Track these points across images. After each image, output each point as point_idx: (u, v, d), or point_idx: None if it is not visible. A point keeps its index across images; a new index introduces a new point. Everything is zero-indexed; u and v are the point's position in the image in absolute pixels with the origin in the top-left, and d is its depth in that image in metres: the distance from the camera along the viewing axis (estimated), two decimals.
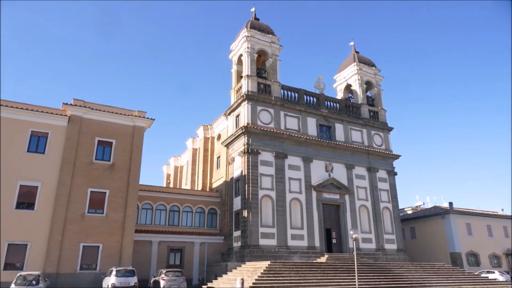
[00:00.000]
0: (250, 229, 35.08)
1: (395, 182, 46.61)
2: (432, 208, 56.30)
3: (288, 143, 40.14)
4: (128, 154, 31.93)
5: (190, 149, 52.50)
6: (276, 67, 42.94)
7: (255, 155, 37.70)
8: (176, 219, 39.47)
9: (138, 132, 32.92)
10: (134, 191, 31.40)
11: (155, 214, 38.56)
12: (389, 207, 44.93)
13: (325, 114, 44.03)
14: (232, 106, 41.90)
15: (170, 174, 62.19)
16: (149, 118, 33.41)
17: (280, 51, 43.94)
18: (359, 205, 42.69)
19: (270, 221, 36.52)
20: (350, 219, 41.17)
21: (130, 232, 30.29)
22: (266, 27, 44.37)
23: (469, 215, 52.31)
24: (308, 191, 39.56)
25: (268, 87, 41.68)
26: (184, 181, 55.49)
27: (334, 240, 40.05)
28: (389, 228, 43.92)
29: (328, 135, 44.08)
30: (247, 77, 40.44)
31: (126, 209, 30.52)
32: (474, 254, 49.29)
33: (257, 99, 39.81)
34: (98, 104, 32.21)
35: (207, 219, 40.96)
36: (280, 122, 40.68)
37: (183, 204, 40.06)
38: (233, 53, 45.30)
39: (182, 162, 58.71)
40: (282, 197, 37.77)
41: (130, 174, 31.46)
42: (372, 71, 51.17)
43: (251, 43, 41.98)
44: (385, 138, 48.13)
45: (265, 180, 37.55)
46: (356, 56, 51.54)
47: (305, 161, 40.53)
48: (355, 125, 46.34)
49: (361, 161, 44.65)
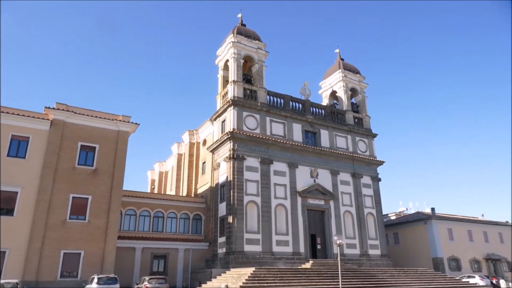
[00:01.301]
0: (235, 235, 34.99)
1: (379, 188, 47.23)
2: (415, 214, 57.19)
3: (273, 148, 40.31)
4: (112, 159, 31.55)
5: (175, 154, 52.17)
6: (262, 73, 43.19)
7: (240, 160, 37.72)
8: (160, 225, 39.05)
9: (122, 137, 32.59)
10: (118, 197, 31.02)
11: (139, 220, 38.08)
12: (373, 212, 45.47)
13: (311, 120, 44.43)
14: (218, 111, 41.91)
15: (154, 180, 61.62)
16: (133, 123, 33.16)
17: (266, 57, 44.24)
18: (344, 210, 43.08)
19: (255, 227, 36.51)
20: (335, 225, 41.48)
21: (113, 239, 29.85)
22: (252, 33, 44.66)
23: (450, 221, 53.31)
24: (293, 197, 39.73)
25: (254, 92, 41.86)
26: (169, 187, 55.02)
27: (318, 245, 40.27)
28: (373, 234, 44.41)
29: (313, 141, 44.45)
30: (233, 82, 40.55)
31: (109, 215, 30.09)
32: (455, 259, 50.19)
33: (243, 105, 39.93)
34: (81, 108, 31.80)
35: (192, 225, 40.66)
36: (266, 128, 40.85)
37: (168, 210, 39.71)
38: (219, 58, 45.39)
39: (167, 168, 58.26)
40: (267, 202, 37.84)
41: (114, 179, 31.09)
42: (356, 78, 51.94)
43: (237, 49, 42.16)
44: (369, 144, 48.80)
45: (250, 185, 37.57)
46: (341, 63, 52.26)
47: (291, 167, 40.75)
48: (340, 131, 46.87)
49: (345, 167, 45.14)
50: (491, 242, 54.77)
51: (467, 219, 58.18)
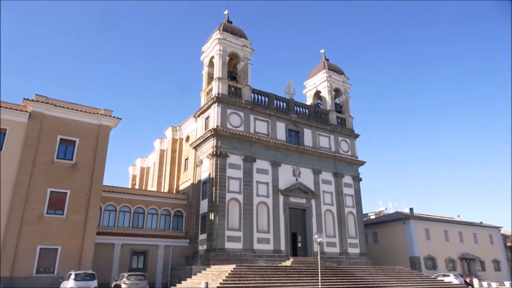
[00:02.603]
0: (216, 232, 34.94)
1: (359, 187, 47.91)
2: (394, 214, 58.29)
3: (257, 146, 40.37)
4: (92, 153, 31.01)
5: (157, 150, 51.67)
6: (247, 70, 43.15)
7: (223, 157, 37.64)
8: (141, 221, 38.64)
9: (103, 131, 32.06)
10: (97, 192, 30.53)
11: (119, 216, 37.58)
12: (353, 212, 46.11)
13: (294, 119, 44.67)
14: (202, 108, 41.69)
15: (136, 175, 60.86)
16: (115, 117, 32.65)
17: (252, 55, 44.20)
18: (325, 209, 43.54)
19: (236, 224, 36.54)
20: (316, 223, 41.89)
21: (92, 234, 29.38)
22: (238, 30, 44.53)
23: (428, 221, 54.58)
24: (276, 195, 39.92)
25: (239, 90, 41.80)
26: (150, 183, 54.51)
27: (299, 244, 40.60)
28: (353, 233, 45.05)
29: (296, 140, 44.71)
30: (218, 79, 40.38)
31: (88, 210, 29.58)
32: (431, 258, 51.44)
33: (228, 102, 39.83)
34: (61, 101, 31.10)
35: (173, 221, 40.39)
36: (249, 126, 40.85)
37: (148, 206, 39.32)
38: (205, 54, 45.12)
39: (148, 163, 57.65)
40: (249, 200, 37.90)
41: (94, 174, 30.57)
42: (341, 79, 52.46)
43: (223, 46, 41.98)
44: (351, 145, 49.42)
45: (233, 183, 37.56)
46: (326, 64, 52.69)
47: (273, 165, 40.90)
48: (323, 131, 47.29)
49: (328, 166, 45.60)
50: (466, 242, 56.35)
51: (443, 219, 59.68)
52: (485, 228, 61.22)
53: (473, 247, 56.52)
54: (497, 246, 60.59)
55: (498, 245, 60.94)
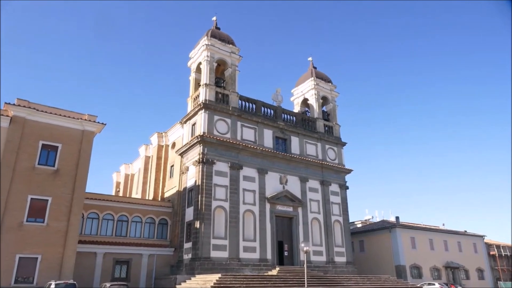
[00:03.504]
0: (201, 241, 34.73)
1: (346, 196, 48.34)
2: (380, 222, 58.93)
3: (243, 154, 40.44)
4: (75, 159, 30.59)
5: (142, 156, 51.25)
6: (235, 77, 43.34)
7: (210, 165, 37.58)
8: (124, 229, 38.16)
9: (87, 136, 31.70)
10: (80, 199, 30.06)
11: (102, 224, 37.06)
12: (340, 220, 46.45)
13: (282, 126, 44.96)
14: (189, 114, 41.64)
15: (120, 182, 60.20)
16: (100, 123, 32.33)
17: (239, 61, 44.44)
18: (312, 218, 43.74)
19: (222, 232, 36.41)
20: (302, 232, 42.02)
21: (73, 243, 28.87)
22: (226, 36, 44.78)
23: (413, 229, 55.32)
24: (262, 203, 39.97)
25: (226, 97, 41.91)
26: (134, 190, 53.88)
27: (286, 252, 40.64)
28: (340, 241, 45.34)
29: (283, 148, 44.95)
30: (205, 85, 40.44)
31: (69, 218, 29.09)
32: (417, 267, 52.07)
33: (215, 109, 39.89)
34: (44, 106, 30.67)
35: (157, 230, 39.99)
36: (236, 133, 40.94)
37: (132, 214, 38.88)
38: (192, 60, 45.18)
39: (133, 170, 57.09)
40: (235, 208, 37.86)
41: (76, 180, 30.12)
42: (328, 87, 53.10)
43: (211, 52, 42.13)
44: (338, 153, 49.92)
45: (219, 190, 37.49)
46: (314, 71, 53.30)
47: (260, 173, 41.00)
48: (310, 139, 47.68)
49: (315, 174, 45.93)
50: (450, 251, 57.27)
51: (429, 228, 60.56)
52: (469, 236, 62.34)
53: (457, 256, 57.46)
54: (480, 254, 61.74)
55: (482, 253, 62.11)
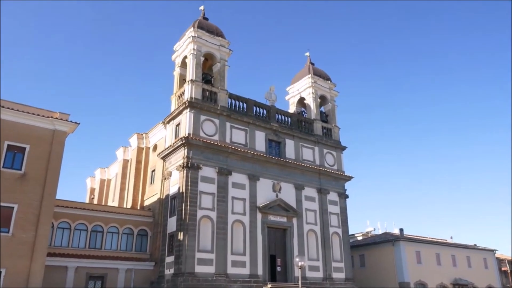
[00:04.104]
0: (185, 254, 34.69)
1: (346, 205, 48.66)
2: (383, 235, 59.37)
3: (233, 158, 40.53)
4: (45, 162, 30.35)
5: (120, 160, 51.10)
6: (224, 73, 43.47)
7: (195, 170, 37.60)
8: (99, 241, 38.01)
9: (58, 137, 31.47)
10: (49, 207, 29.80)
11: (74, 235, 36.87)
12: (339, 232, 46.72)
13: (276, 128, 45.17)
14: (172, 113, 41.65)
15: (94, 188, 59.96)
16: (72, 122, 32.12)
17: (229, 56, 44.59)
18: (307, 229, 43.94)
19: (208, 245, 36.41)
20: (297, 245, 42.18)
21: (42, 256, 28.60)
22: (215, 28, 44.95)
23: (419, 243, 55.88)
24: (253, 213, 40.05)
25: (214, 94, 42.02)
26: (111, 197, 53.76)
27: (278, 267, 40.75)
28: (338, 255, 45.58)
29: (277, 152, 45.13)
30: (191, 82, 40.52)
31: (37, 227, 28.80)
32: (422, 283, 52.55)
33: (201, 108, 39.96)
34: (10, 102, 30.39)
35: (136, 241, 39.88)
36: (225, 135, 41.04)
37: (108, 224, 38.74)
38: (177, 54, 45.24)
39: (110, 175, 56.88)
40: (223, 218, 37.89)
41: (46, 186, 29.86)
42: (327, 85, 53.49)
43: (197, 45, 42.24)
44: (337, 158, 50.27)
45: (205, 198, 37.50)
46: (311, 68, 53.68)
47: (251, 179, 41.12)
48: (307, 142, 47.96)
49: (311, 181, 46.18)
50: (459, 266, 57.93)
51: (435, 241, 61.23)
52: (479, 251, 63.13)
53: (466, 272, 58.10)
54: (491, 270, 62.55)
55: (493, 269, 62.94)
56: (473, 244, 64.36)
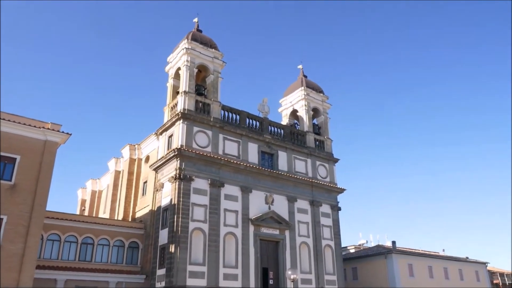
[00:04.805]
0: (176, 267, 34.43)
1: (338, 218, 48.76)
2: (375, 247, 59.43)
3: (225, 170, 40.56)
4: (36, 173, 30.08)
5: (112, 171, 50.85)
6: (217, 85, 43.73)
7: (187, 181, 37.54)
8: (89, 253, 37.70)
9: (50, 148, 31.28)
10: (39, 218, 29.46)
11: (63, 247, 36.56)
12: (332, 245, 46.72)
13: (268, 140, 45.35)
14: (165, 124, 41.70)
15: (85, 200, 59.59)
16: (64, 133, 31.97)
17: (223, 67, 44.95)
18: (300, 242, 43.90)
19: (200, 258, 36.21)
20: (290, 258, 42.08)
21: (30, 268, 28.17)
22: (209, 40, 45.32)
23: (411, 255, 55.99)
24: (245, 225, 39.98)
25: (207, 106, 42.19)
26: (102, 209, 53.35)
27: (271, 280, 40.55)
28: (331, 268, 45.51)
29: (270, 164, 45.25)
30: (184, 93, 40.67)
31: (27, 239, 28.40)
32: None
33: (194, 119, 40.06)
34: (1, 112, 30.27)
35: (127, 254, 39.57)
36: (218, 146, 41.12)
37: (99, 236, 38.45)
38: (170, 65, 45.46)
39: (101, 186, 56.57)
40: (215, 230, 37.77)
41: (36, 197, 29.54)
42: (320, 98, 53.97)
43: (191, 57, 42.51)
44: (330, 170, 50.48)
45: (197, 210, 37.40)
46: (304, 81, 54.17)
47: (244, 191, 41.12)
48: (300, 154, 48.16)
49: (304, 193, 46.27)
50: (451, 279, 58.05)
51: (428, 254, 61.44)
52: (471, 263, 63.39)
53: (458, 284, 58.19)
54: (483, 283, 62.73)
55: (485, 282, 63.13)
56: (465, 257, 64.60)
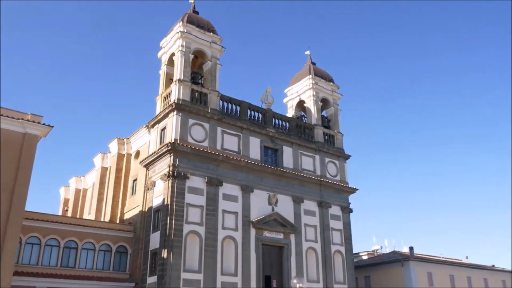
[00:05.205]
0: (169, 274, 34.53)
1: (350, 220, 48.82)
2: (391, 254, 59.45)
3: (224, 167, 40.58)
4: (13, 169, 30.20)
5: (98, 167, 51.02)
6: (215, 72, 43.67)
7: (182, 179, 37.58)
8: (72, 258, 37.83)
9: (29, 141, 31.37)
10: (17, 220, 29.59)
11: (44, 252, 36.71)
12: (342, 250, 46.77)
13: (272, 134, 45.31)
14: (158, 116, 41.71)
15: (69, 199, 59.91)
16: (46, 125, 32.04)
17: (221, 53, 44.92)
18: (307, 247, 43.95)
19: (196, 264, 36.30)
20: (295, 265, 42.14)
21: (7, 275, 28.35)
22: (206, 23, 45.22)
23: (431, 263, 55.99)
24: (246, 228, 40.03)
25: (204, 96, 42.16)
26: (87, 209, 53.66)
27: None
28: (341, 277, 45.59)
29: (274, 160, 45.25)
30: (178, 81, 40.63)
31: (3, 243, 28.56)
32: None
33: (190, 110, 40.04)
34: None
35: (114, 259, 39.73)
36: (216, 141, 41.11)
37: (84, 239, 38.60)
38: (163, 50, 45.43)
39: (86, 184, 56.87)
40: (213, 234, 37.83)
41: (14, 196, 29.67)
42: (329, 87, 53.86)
43: (186, 41, 42.43)
44: (340, 168, 50.45)
45: (192, 212, 37.46)
46: (312, 68, 54.05)
47: (244, 191, 41.15)
48: (307, 150, 48.13)
49: (311, 193, 46.29)
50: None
51: (449, 261, 61.39)
52: (497, 272, 63.46)
53: None
54: None
55: None
56: (491, 265, 64.54)
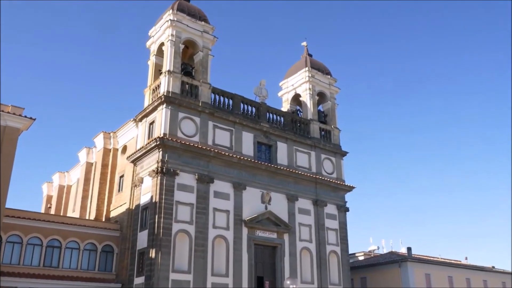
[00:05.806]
0: (157, 275, 34.50)
1: (346, 220, 49.01)
2: (388, 254, 59.74)
3: (215, 163, 40.53)
4: None
5: (83, 163, 50.76)
6: (207, 63, 43.51)
7: (171, 176, 37.48)
8: (56, 258, 37.68)
9: (9, 135, 31.13)
10: None
11: (26, 251, 36.51)
12: (337, 251, 46.96)
13: (266, 129, 45.28)
14: (146, 109, 41.52)
15: (52, 196, 59.84)
16: (27, 117, 31.84)
17: (214, 43, 44.74)
18: (301, 247, 44.08)
19: (185, 264, 36.31)
20: (289, 265, 42.26)
21: None
22: (198, 11, 45.02)
23: (429, 264, 56.32)
24: (238, 227, 40.07)
25: (195, 88, 41.99)
26: (71, 207, 53.47)
27: None
28: (336, 278, 45.80)
29: (267, 156, 45.26)
30: (168, 73, 40.43)
31: None
32: None
33: (180, 103, 39.88)
34: None
35: (100, 259, 39.61)
36: (207, 136, 41.02)
37: (67, 238, 38.45)
38: (152, 40, 45.18)
39: (70, 181, 56.64)
40: (203, 233, 37.84)
41: None
42: (326, 80, 53.87)
43: (176, 30, 42.19)
44: (337, 165, 50.56)
45: (182, 210, 37.41)
46: (309, 60, 53.99)
47: (237, 188, 41.13)
48: (302, 146, 48.18)
49: (306, 191, 46.38)
50: None
51: (448, 262, 61.86)
52: (497, 274, 64.02)
53: None
54: None
55: None
56: (490, 266, 65.07)
